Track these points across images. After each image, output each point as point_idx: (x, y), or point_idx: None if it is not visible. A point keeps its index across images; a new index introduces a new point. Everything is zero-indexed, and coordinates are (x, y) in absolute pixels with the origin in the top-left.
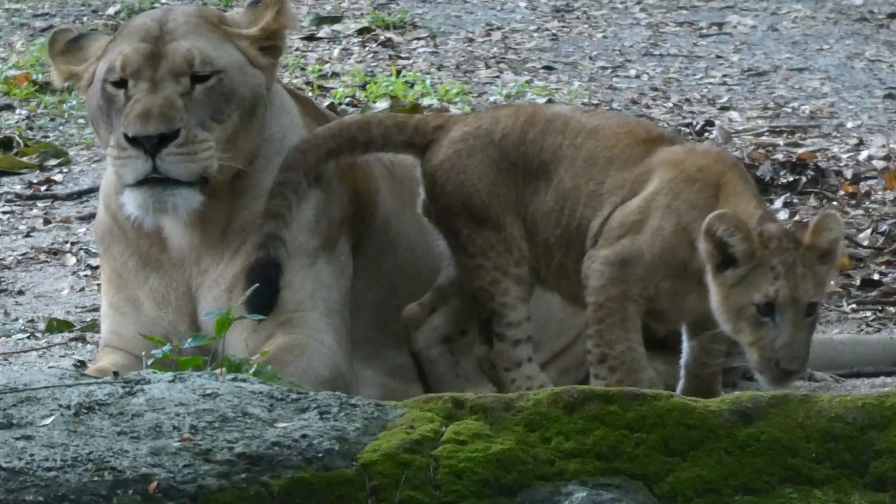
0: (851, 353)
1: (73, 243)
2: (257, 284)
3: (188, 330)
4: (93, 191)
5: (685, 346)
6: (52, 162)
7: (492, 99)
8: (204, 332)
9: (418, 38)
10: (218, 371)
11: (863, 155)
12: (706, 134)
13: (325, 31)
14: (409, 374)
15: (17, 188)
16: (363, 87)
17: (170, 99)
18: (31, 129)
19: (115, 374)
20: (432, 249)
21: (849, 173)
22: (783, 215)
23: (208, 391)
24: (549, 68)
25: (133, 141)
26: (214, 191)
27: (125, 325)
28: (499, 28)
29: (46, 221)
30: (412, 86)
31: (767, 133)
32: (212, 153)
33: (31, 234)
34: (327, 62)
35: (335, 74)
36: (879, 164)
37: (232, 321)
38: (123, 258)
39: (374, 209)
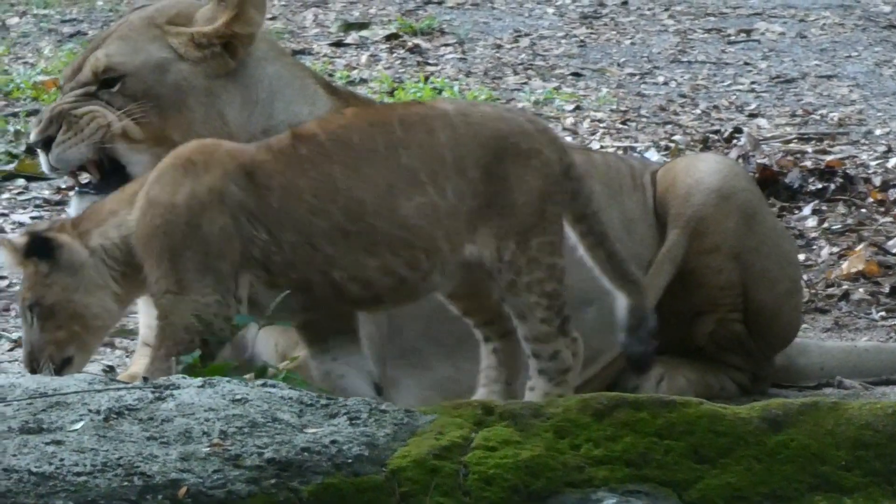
0: (875, 360)
1: None
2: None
3: None
4: None
5: None
6: None
7: (520, 105)
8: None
9: (446, 45)
10: (247, 376)
11: (892, 162)
12: (735, 141)
13: (352, 37)
14: (453, 388)
15: (46, 193)
16: (391, 93)
17: (57, 105)
18: None
19: (145, 379)
20: None
21: (877, 180)
22: (812, 223)
23: (238, 396)
24: (577, 75)
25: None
26: None
27: None
28: (527, 34)
29: None
30: (440, 92)
31: (796, 140)
32: (101, 122)
33: None
34: (355, 68)
35: (363, 80)
36: None
37: (261, 327)
38: None
39: None
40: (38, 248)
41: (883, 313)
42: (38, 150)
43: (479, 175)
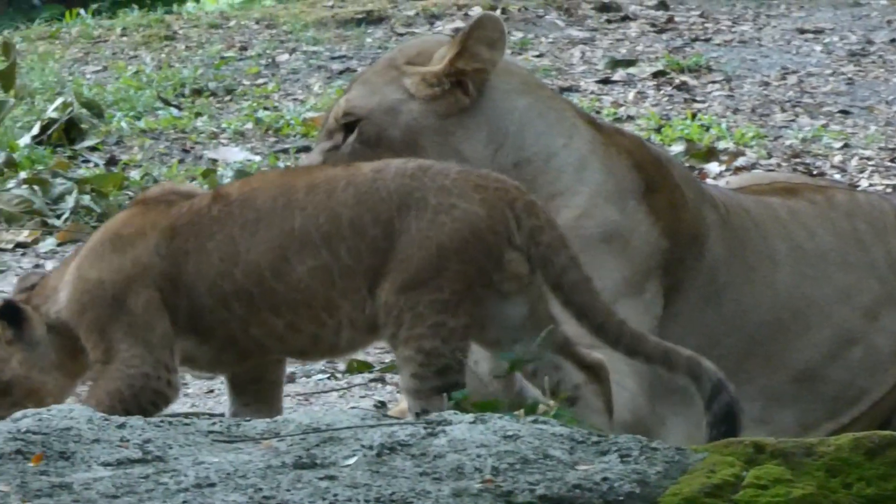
0: None
1: None
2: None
3: (486, 360)
4: None
5: None
6: None
7: (787, 143)
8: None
9: (713, 82)
10: (518, 412)
11: None
12: None
13: (619, 74)
14: None
15: None
16: (658, 130)
17: (306, 160)
18: None
19: (417, 414)
20: (760, 304)
21: None
22: None
23: (509, 433)
24: (844, 112)
25: None
26: None
27: None
28: (794, 72)
29: None
30: (707, 129)
31: None
32: None
33: None
34: (622, 105)
35: (630, 118)
36: None
37: (525, 363)
38: None
39: (699, 254)
40: (10, 316)
41: None
42: None
43: (381, 232)
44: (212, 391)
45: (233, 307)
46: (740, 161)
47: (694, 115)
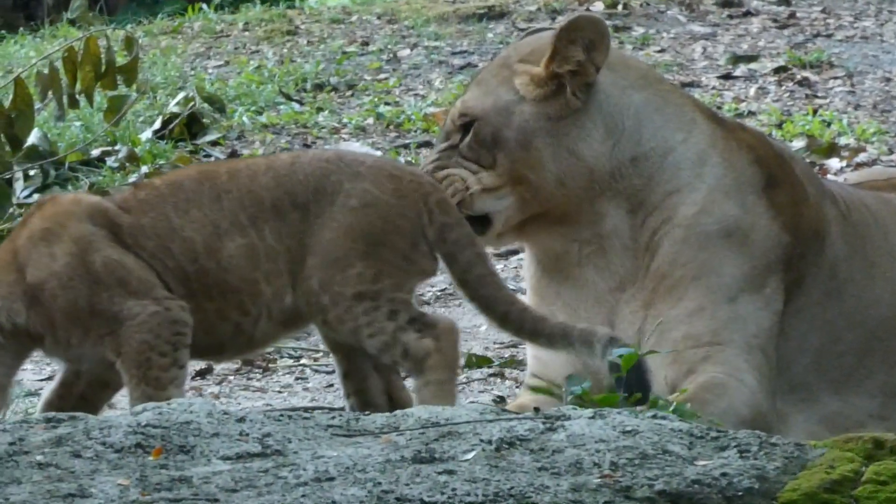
0: None
1: None
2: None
3: None
4: None
5: None
6: None
7: None
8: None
9: (835, 78)
10: (638, 408)
11: None
12: None
13: (741, 69)
14: (842, 423)
15: None
16: (779, 125)
17: (424, 165)
18: None
19: (536, 409)
20: (880, 300)
21: None
22: None
23: (628, 428)
24: None
25: None
26: (582, 213)
27: None
28: None
29: None
30: (829, 125)
31: None
32: (458, 187)
33: None
34: (743, 101)
35: (751, 113)
36: None
37: (639, 357)
38: (536, 276)
39: (820, 250)
40: None
41: None
42: None
43: (299, 215)
44: (331, 385)
45: (173, 286)
46: (861, 157)
47: (815, 111)
